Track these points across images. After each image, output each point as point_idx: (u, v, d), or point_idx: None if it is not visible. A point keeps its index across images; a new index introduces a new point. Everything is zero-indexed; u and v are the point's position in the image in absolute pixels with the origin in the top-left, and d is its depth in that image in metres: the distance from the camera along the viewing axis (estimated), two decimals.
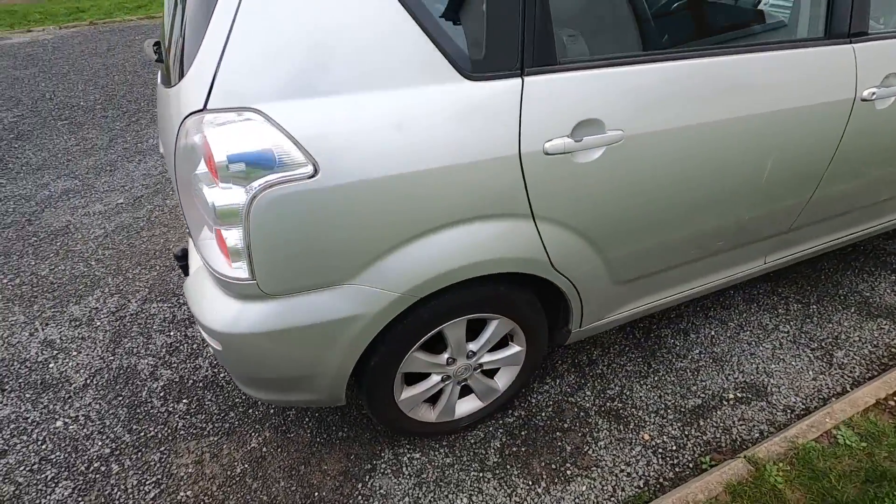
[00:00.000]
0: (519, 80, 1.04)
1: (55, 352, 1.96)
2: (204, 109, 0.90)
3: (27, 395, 1.79)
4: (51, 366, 1.91)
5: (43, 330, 2.06)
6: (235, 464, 1.56)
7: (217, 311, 1.09)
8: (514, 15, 1.00)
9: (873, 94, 1.39)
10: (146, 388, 1.80)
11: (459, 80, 0.99)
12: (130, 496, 1.48)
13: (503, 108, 1.03)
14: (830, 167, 1.50)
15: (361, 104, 0.95)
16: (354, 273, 1.07)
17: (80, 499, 1.47)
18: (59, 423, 1.69)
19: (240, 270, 1.01)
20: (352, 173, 0.96)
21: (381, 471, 1.53)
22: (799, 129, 1.35)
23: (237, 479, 1.52)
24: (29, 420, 1.71)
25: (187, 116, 0.93)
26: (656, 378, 1.78)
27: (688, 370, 1.80)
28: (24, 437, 1.65)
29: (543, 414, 1.68)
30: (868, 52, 1.37)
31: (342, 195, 0.97)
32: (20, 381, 1.85)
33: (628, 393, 1.73)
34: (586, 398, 1.72)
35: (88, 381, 1.84)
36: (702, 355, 1.86)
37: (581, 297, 1.40)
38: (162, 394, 1.78)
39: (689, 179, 1.27)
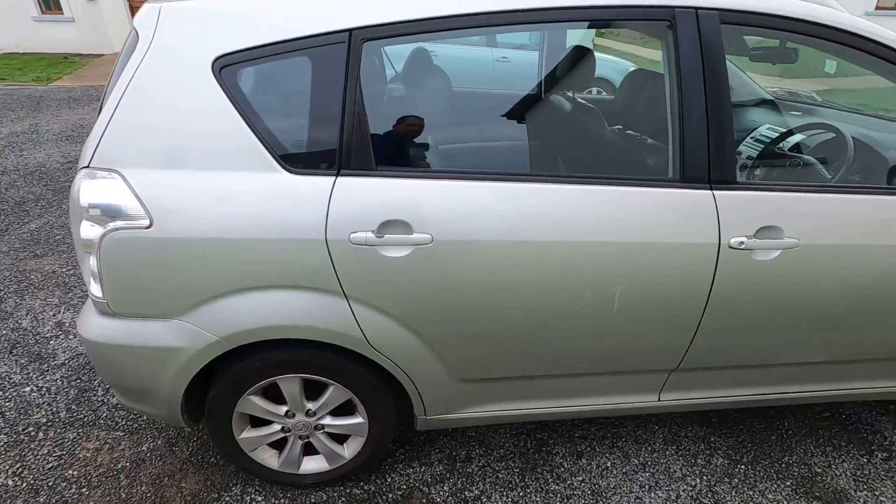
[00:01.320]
0: (332, 178, 1.24)
1: (59, 332, 2.43)
2: (88, 166, 1.23)
3: (22, 361, 2.24)
4: (51, 343, 2.37)
5: (62, 314, 2.57)
6: (122, 460, 1.80)
7: (85, 319, 1.39)
8: (333, 127, 1.22)
9: (741, 243, 1.34)
10: (98, 378, 2.16)
11: (279, 172, 1.22)
12: (36, 461, 1.78)
13: (315, 199, 1.23)
14: (708, 314, 1.43)
15: (197, 179, 1.21)
16: (182, 311, 1.30)
17: (4, 451, 1.81)
18: (27, 389, 2.10)
19: (97, 289, 1.29)
20: (180, 230, 1.21)
21: (224, 502, 1.65)
22: (648, 265, 1.34)
23: (115, 473, 1.75)
24: (11, 380, 2.14)
25: (81, 168, 1.27)
26: (522, 493, 1.70)
27: (559, 495, 1.70)
28: (0, 392, 2.07)
29: (391, 495, 1.69)
30: (734, 200, 1.34)
31: (171, 246, 1.22)
32: (26, 349, 2.32)
33: (485, 500, 1.68)
34: (441, 493, 1.70)
35: (66, 362, 2.25)
36: (583, 484, 1.74)
37: (416, 385, 1.47)
38: (106, 386, 2.12)
39: (510, 294, 1.33)
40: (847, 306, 1.49)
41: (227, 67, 1.20)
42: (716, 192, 1.34)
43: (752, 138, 2.06)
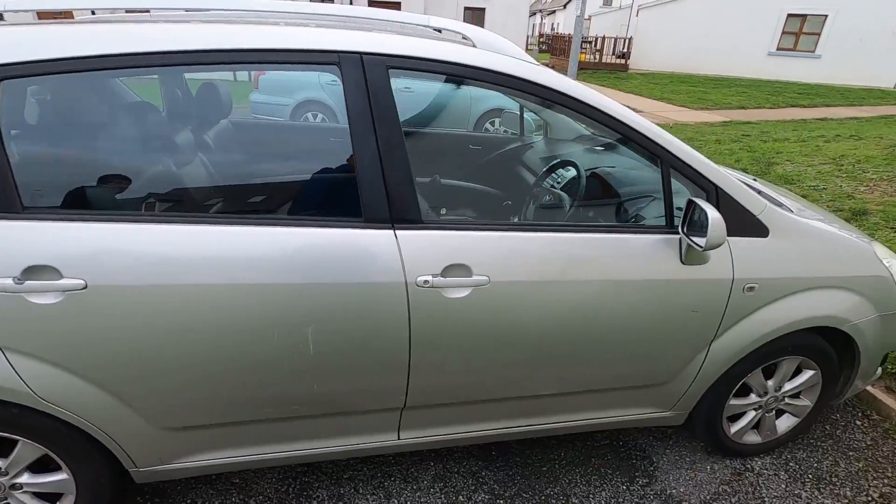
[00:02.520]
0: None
1: None
2: None
3: None
4: None
5: None
6: None
7: None
8: None
9: (426, 281, 1.35)
10: None
11: None
12: None
13: None
14: (416, 352, 1.43)
15: None
16: None
17: None
18: None
19: None
20: None
21: None
22: (337, 305, 1.33)
23: None
24: None
25: None
26: None
27: None
28: None
29: None
30: (418, 240, 1.36)
31: None
32: None
33: None
34: None
35: None
36: None
37: (111, 436, 1.38)
38: None
39: (181, 340, 1.28)
40: (551, 340, 1.52)
41: None
42: (398, 232, 1.35)
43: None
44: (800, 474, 1.97)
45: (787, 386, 1.91)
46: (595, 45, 19.17)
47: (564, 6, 36.37)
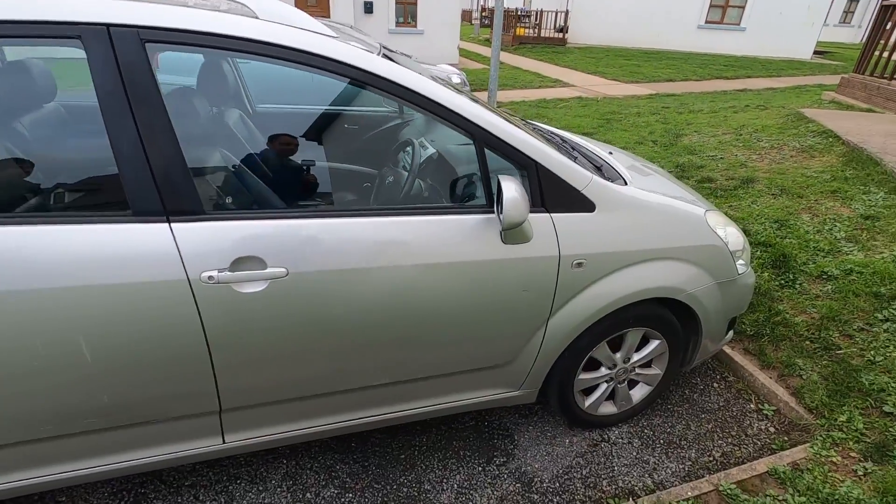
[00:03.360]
0: None
1: None
2: None
3: None
4: None
5: None
6: None
7: None
8: None
9: (211, 277, 1.25)
10: None
11: None
12: None
13: None
14: (217, 351, 1.33)
15: None
16: None
17: None
18: None
19: None
20: None
21: None
22: (110, 309, 1.21)
23: None
24: None
25: None
26: None
27: None
28: None
29: None
30: (199, 233, 1.25)
31: None
32: None
33: None
34: None
35: None
36: None
37: None
38: None
39: None
40: (371, 329, 1.46)
41: None
42: (174, 226, 1.23)
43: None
44: (652, 440, 2.03)
45: (636, 357, 1.95)
46: (534, 20, 19.10)
47: None
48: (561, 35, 18.59)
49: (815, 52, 17.17)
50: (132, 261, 1.21)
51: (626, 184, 1.79)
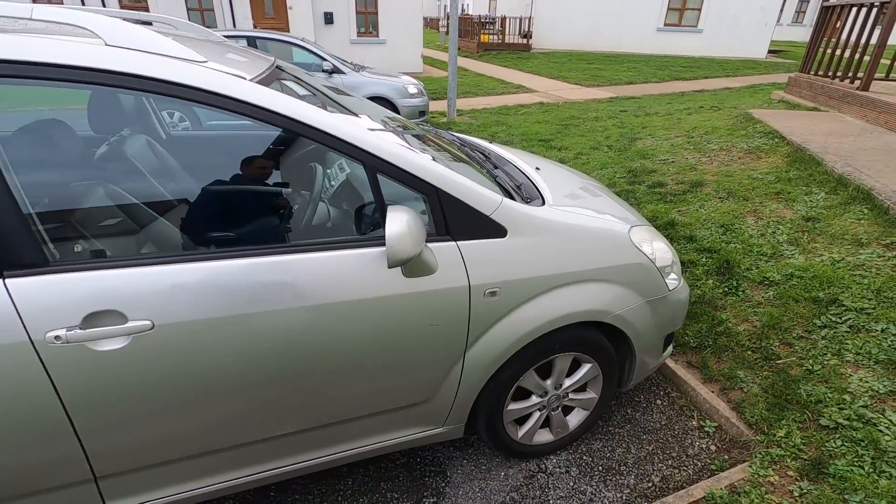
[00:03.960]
0: None
1: None
2: None
3: None
4: None
5: None
6: None
7: None
8: None
9: (57, 337, 1.11)
10: None
11: None
12: None
13: None
14: (77, 415, 1.18)
15: None
16: None
17: None
18: None
19: None
20: None
21: None
22: None
23: None
24: None
25: None
26: None
27: None
28: None
29: None
30: (42, 288, 1.10)
31: None
32: None
33: None
34: None
35: None
36: None
37: None
38: None
39: None
40: (258, 379, 1.33)
41: None
42: (9, 281, 1.09)
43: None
44: (590, 468, 1.94)
45: (567, 382, 1.86)
46: (497, 26, 19.23)
47: None
48: (525, 41, 18.76)
49: (770, 52, 17.72)
50: None
51: (544, 204, 1.71)
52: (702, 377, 2.29)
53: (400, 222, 1.21)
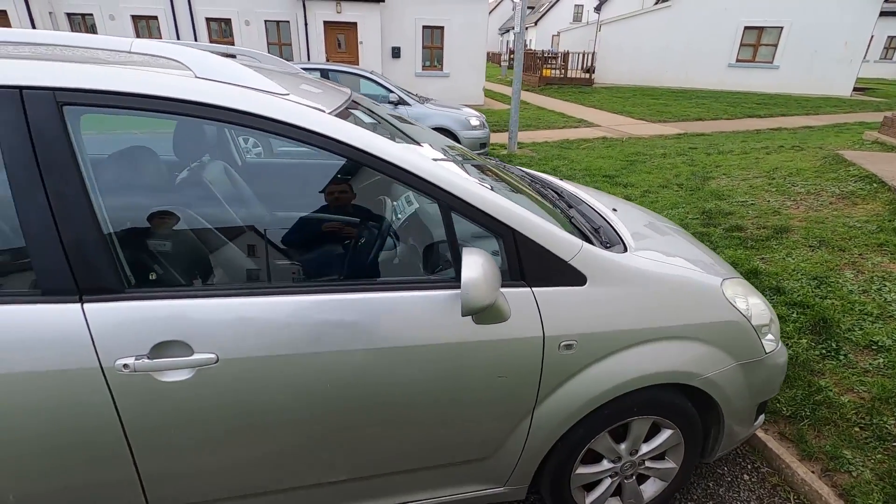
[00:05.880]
0: None
1: None
2: None
3: None
4: None
5: None
6: None
7: None
8: None
9: (126, 366, 1.09)
10: None
11: None
12: None
13: None
14: (137, 443, 1.16)
15: None
16: None
17: None
18: None
19: None
20: None
21: None
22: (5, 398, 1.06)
23: None
24: None
25: None
26: None
27: None
28: None
29: None
30: (117, 313, 1.10)
31: None
32: None
33: None
34: None
35: None
36: None
37: None
38: None
39: None
40: (309, 422, 1.26)
41: None
42: (88, 306, 1.09)
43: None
44: None
45: (645, 448, 1.67)
46: (559, 61, 19.31)
47: (536, 23, 36.91)
48: (588, 75, 18.68)
49: (856, 89, 16.60)
50: (38, 347, 1.06)
51: (625, 250, 1.57)
52: (799, 453, 2.00)
53: (476, 267, 1.12)
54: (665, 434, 1.66)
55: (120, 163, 1.40)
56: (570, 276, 1.37)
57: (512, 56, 34.39)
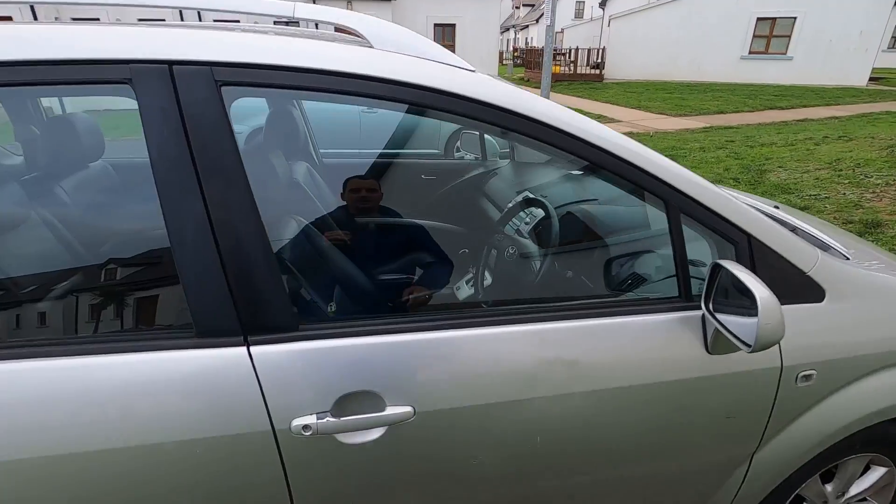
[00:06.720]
0: None
1: None
2: None
3: None
4: None
5: None
6: None
7: None
8: None
9: (307, 427, 0.83)
10: None
11: None
12: None
13: None
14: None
15: None
16: None
17: None
18: None
19: None
20: None
21: None
22: (147, 475, 0.80)
23: None
24: None
25: None
26: None
27: None
28: None
29: None
30: (291, 358, 0.83)
31: None
32: None
33: None
34: None
35: None
36: None
37: None
38: None
39: None
40: (514, 476, 1.00)
41: None
42: (255, 349, 0.82)
43: None
44: None
45: (853, 490, 1.41)
46: (569, 57, 19.05)
47: (537, 20, 36.65)
48: (597, 71, 18.43)
49: (871, 79, 16.36)
50: (192, 407, 0.80)
51: (846, 258, 1.31)
52: None
53: (764, 289, 0.86)
54: (878, 472, 1.40)
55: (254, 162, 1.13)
56: (807, 290, 1.11)
57: (516, 54, 34.13)
